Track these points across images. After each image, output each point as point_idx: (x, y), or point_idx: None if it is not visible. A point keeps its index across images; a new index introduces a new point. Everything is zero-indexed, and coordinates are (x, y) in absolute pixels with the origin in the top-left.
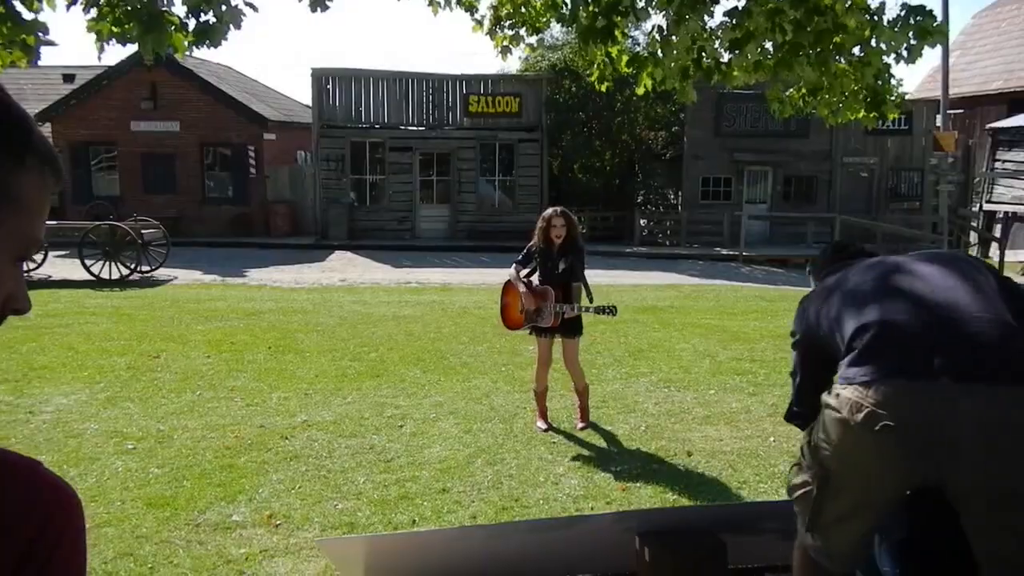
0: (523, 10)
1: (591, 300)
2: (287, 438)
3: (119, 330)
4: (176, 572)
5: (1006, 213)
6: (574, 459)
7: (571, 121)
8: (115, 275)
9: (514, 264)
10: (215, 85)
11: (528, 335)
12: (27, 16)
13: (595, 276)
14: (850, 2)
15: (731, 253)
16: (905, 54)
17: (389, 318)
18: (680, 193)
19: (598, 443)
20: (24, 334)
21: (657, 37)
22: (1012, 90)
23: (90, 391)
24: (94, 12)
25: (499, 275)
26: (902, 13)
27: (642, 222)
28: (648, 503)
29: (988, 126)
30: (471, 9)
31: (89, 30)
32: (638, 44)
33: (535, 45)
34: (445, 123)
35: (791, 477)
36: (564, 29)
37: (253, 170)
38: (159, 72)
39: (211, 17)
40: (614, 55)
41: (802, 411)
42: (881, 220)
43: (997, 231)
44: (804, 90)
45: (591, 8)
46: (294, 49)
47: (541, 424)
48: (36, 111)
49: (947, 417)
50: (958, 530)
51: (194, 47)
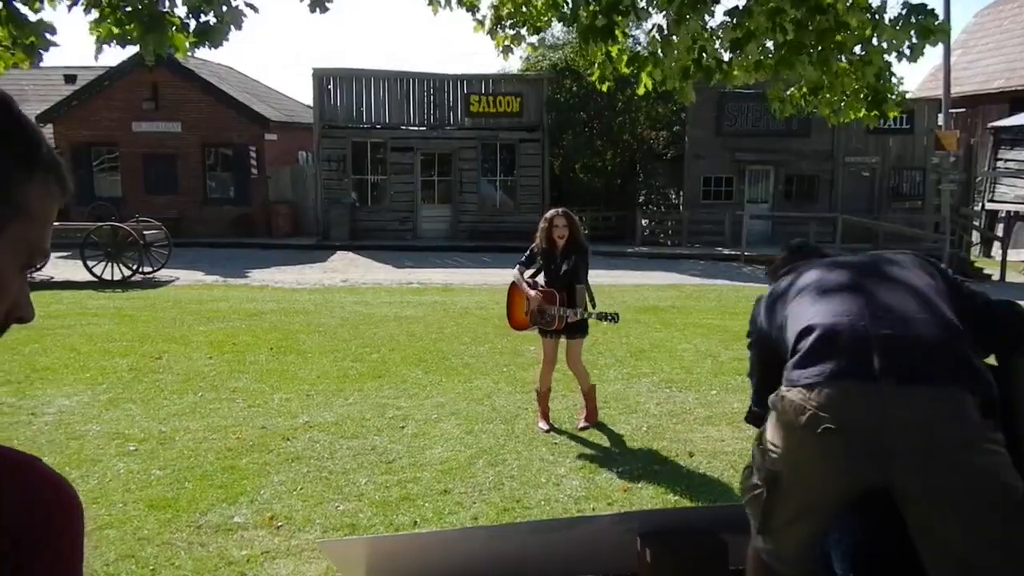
0: (524, 9)
1: (593, 305)
2: (289, 439)
3: (121, 331)
4: (178, 574)
5: (1008, 212)
6: (576, 460)
7: (572, 121)
8: (117, 276)
9: (517, 265)
10: (216, 86)
11: (532, 335)
12: (31, 17)
13: (596, 276)
14: (851, 1)
15: (733, 253)
16: (907, 53)
17: (391, 319)
18: (681, 193)
19: (600, 444)
20: (26, 335)
21: (657, 37)
22: (1014, 89)
23: (92, 392)
24: (95, 13)
25: (500, 275)
26: (903, 12)
27: (643, 222)
28: (650, 504)
29: (990, 125)
30: (472, 9)
31: (90, 32)
32: (639, 43)
33: (536, 45)
34: (446, 123)
35: (743, 480)
36: (565, 28)
37: (254, 170)
38: (160, 73)
39: (212, 18)
40: (614, 55)
41: (760, 412)
42: (883, 219)
43: (999, 230)
44: (805, 89)
45: (592, 7)
46: (294, 49)
47: (543, 425)
48: (38, 112)
49: (888, 419)
50: (907, 533)
51: (195, 48)
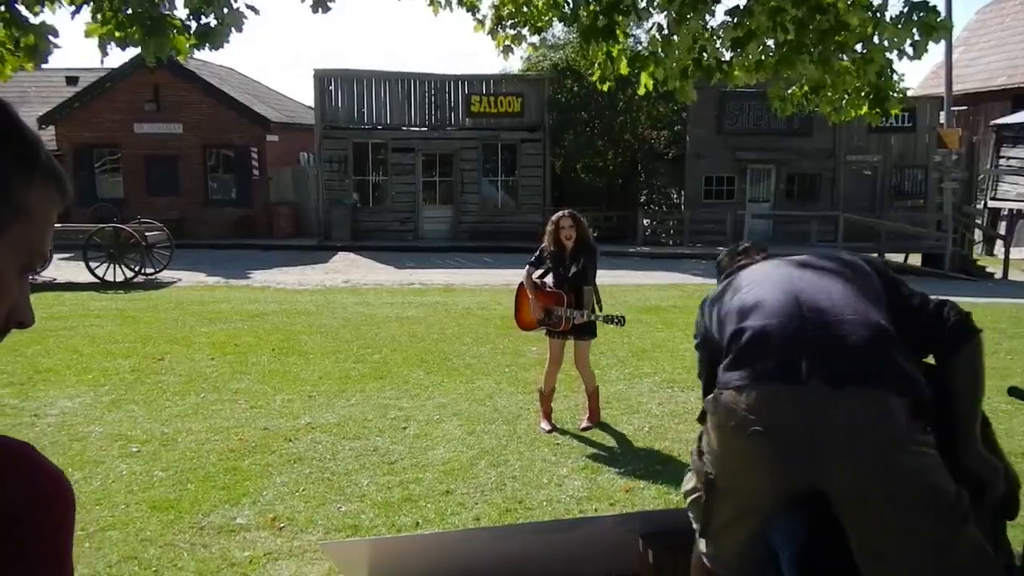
0: (525, 9)
1: (600, 307)
2: (291, 440)
3: (123, 332)
4: (180, 575)
5: (1011, 210)
6: (578, 460)
7: (573, 121)
8: (119, 277)
9: (527, 266)
10: (217, 87)
11: (534, 336)
12: (33, 20)
13: (598, 276)
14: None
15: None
16: (909, 51)
17: (392, 319)
18: (683, 192)
19: (602, 444)
20: (29, 337)
21: (658, 36)
22: (1016, 86)
23: (95, 394)
24: (96, 16)
25: (502, 276)
26: (905, 9)
27: (645, 222)
28: (652, 504)
29: (992, 122)
30: (472, 9)
31: (90, 34)
32: (640, 43)
33: (537, 45)
34: (447, 124)
35: (684, 483)
36: (566, 28)
37: (256, 172)
38: (162, 74)
39: (212, 20)
40: (615, 54)
41: None
42: (885, 218)
43: (1002, 228)
44: (806, 88)
45: (592, 7)
46: (294, 49)
47: (545, 425)
48: (40, 114)
49: (817, 421)
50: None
51: (196, 50)
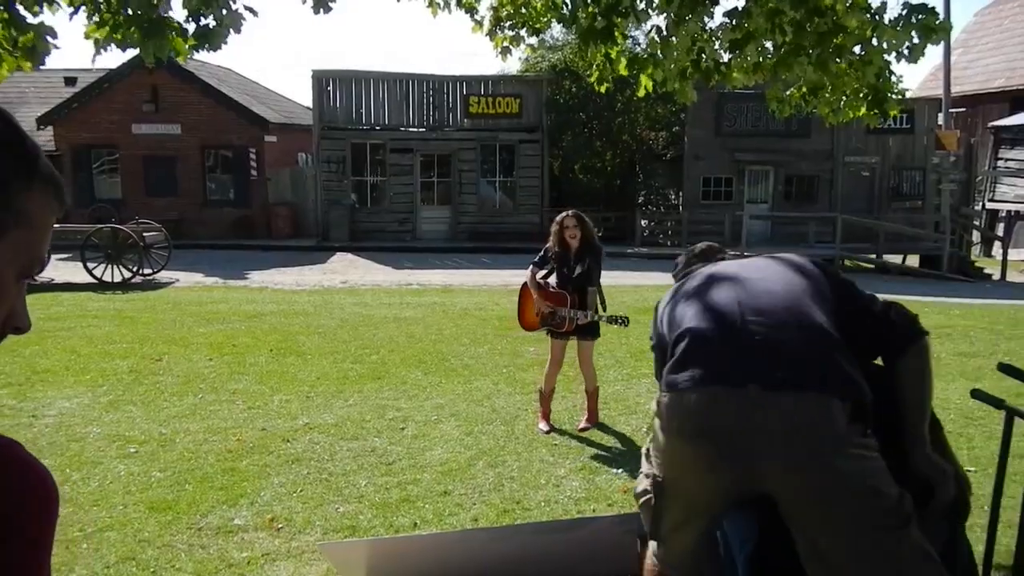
0: (523, 11)
1: (604, 307)
2: (289, 441)
3: (121, 333)
4: None
5: (1009, 212)
6: (576, 461)
7: (572, 122)
8: (117, 278)
9: (531, 266)
10: (216, 87)
11: (533, 337)
12: (31, 20)
13: None
14: (850, 1)
15: (732, 253)
16: (907, 53)
17: (390, 320)
18: (681, 193)
19: (600, 445)
20: (27, 337)
21: (656, 38)
22: (1014, 88)
23: (93, 394)
24: (95, 18)
25: (500, 276)
26: (903, 12)
27: (643, 222)
28: None
29: (990, 124)
30: (471, 10)
31: (88, 36)
32: (638, 44)
33: (535, 46)
34: (445, 124)
35: (636, 485)
36: (564, 30)
37: (254, 172)
38: (160, 75)
39: (211, 21)
40: (613, 56)
41: None
42: (883, 219)
43: (1000, 230)
44: (804, 89)
45: (591, 9)
46: (293, 50)
47: (543, 426)
48: (38, 114)
49: (757, 424)
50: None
51: (194, 51)
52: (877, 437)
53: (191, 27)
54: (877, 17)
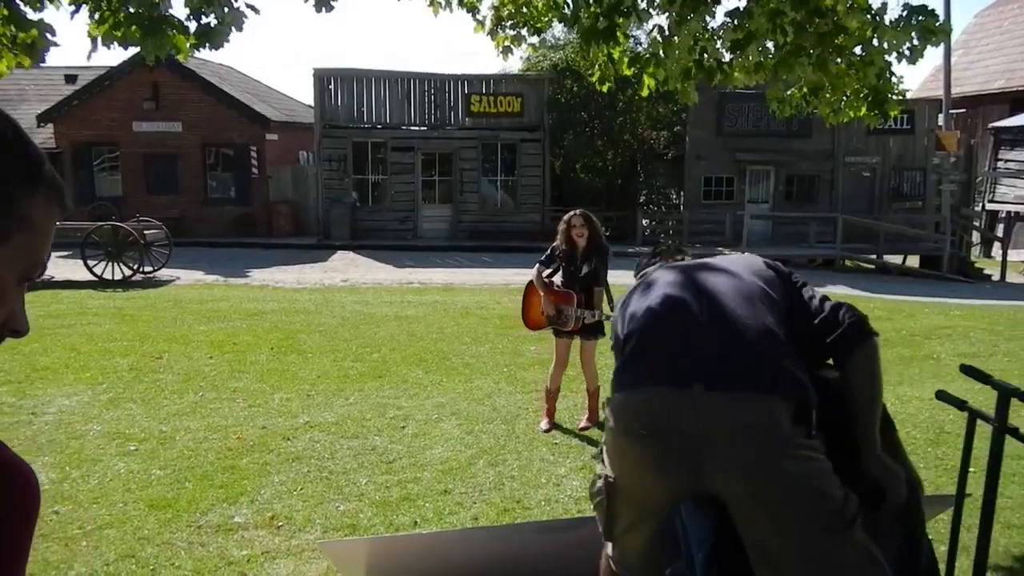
0: (524, 10)
1: (612, 307)
2: (289, 439)
3: (122, 331)
4: (178, 574)
5: (1008, 212)
6: (576, 460)
7: (573, 121)
8: (118, 276)
9: (537, 264)
10: (217, 85)
11: (535, 336)
12: (32, 16)
13: None
14: (851, 2)
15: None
16: (907, 54)
17: (391, 318)
18: (682, 193)
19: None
20: (27, 335)
21: (659, 38)
22: (1014, 89)
23: (93, 392)
24: (96, 16)
25: (501, 275)
26: (904, 13)
27: (644, 222)
28: None
29: (990, 125)
30: (473, 10)
31: (90, 34)
32: (640, 44)
33: (536, 45)
34: (447, 123)
35: (590, 487)
36: (566, 29)
37: (255, 170)
38: (161, 73)
39: (213, 19)
40: (616, 56)
41: None
42: (883, 220)
43: (999, 231)
44: (805, 90)
45: (593, 9)
46: (294, 48)
47: (544, 424)
48: (38, 112)
49: (701, 425)
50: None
51: (196, 49)
52: (829, 439)
53: (192, 25)
54: (878, 18)
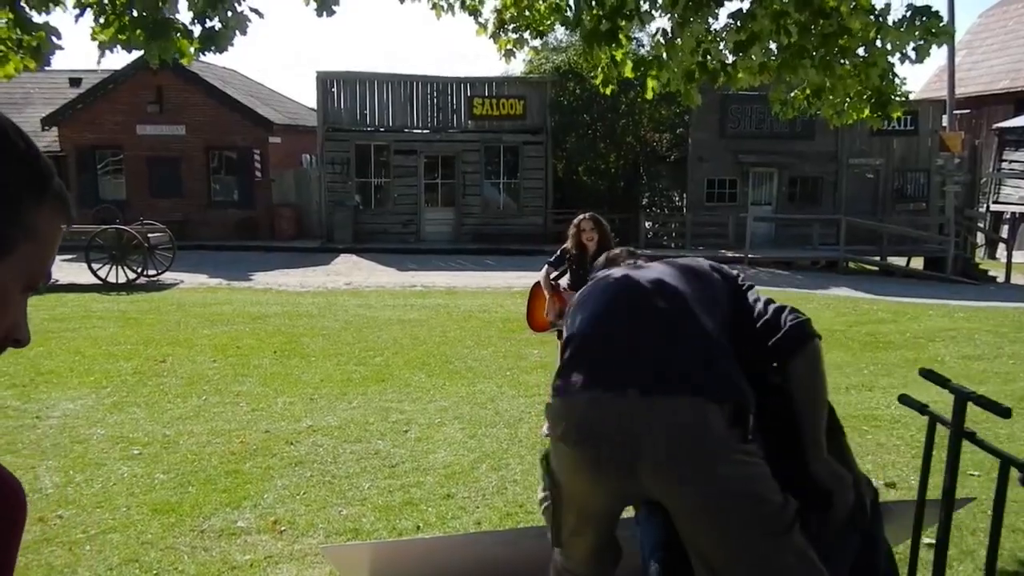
0: (527, 13)
1: None
2: (292, 443)
3: (126, 334)
4: None
5: (1013, 213)
6: None
7: (575, 123)
8: (122, 279)
9: (545, 265)
10: (220, 89)
11: (537, 339)
12: (37, 19)
13: None
14: (855, 3)
15: (736, 255)
16: (911, 55)
17: (394, 322)
18: (685, 195)
19: None
20: (28, 344)
21: (661, 40)
22: (1019, 89)
23: (96, 396)
24: (101, 19)
25: (504, 278)
26: (907, 14)
27: (647, 224)
28: None
29: (995, 126)
30: (475, 13)
31: (94, 37)
32: (642, 46)
33: (539, 48)
34: (449, 126)
35: (538, 493)
36: (568, 31)
37: (258, 173)
38: (165, 76)
39: (217, 23)
40: (618, 58)
41: None
42: (887, 221)
43: (1004, 231)
44: (808, 91)
45: (595, 11)
46: (297, 51)
47: (546, 428)
48: (43, 115)
49: (636, 429)
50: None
51: (200, 53)
52: (777, 443)
53: (196, 29)
54: (881, 19)
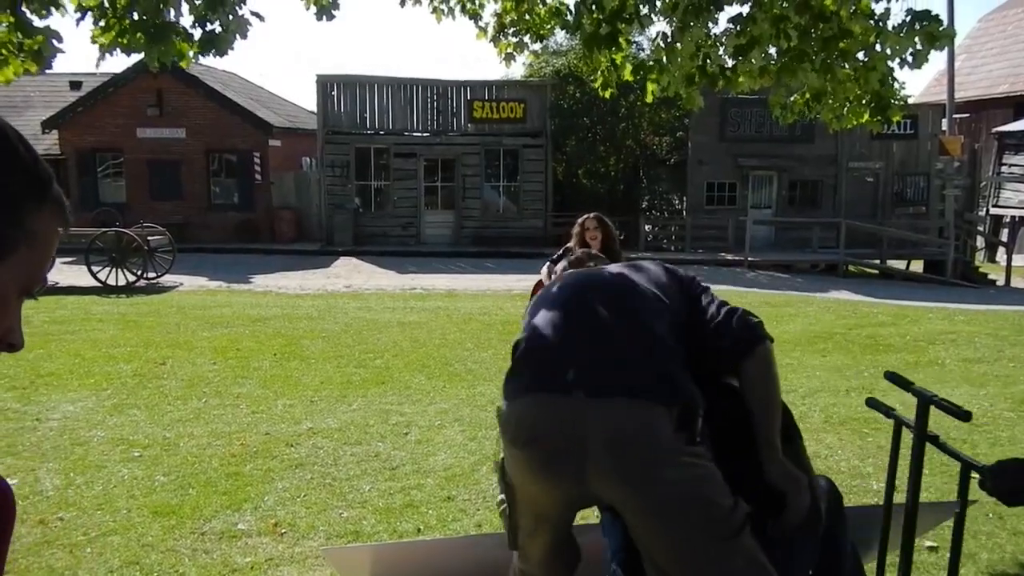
0: (527, 17)
1: None
2: (292, 446)
3: (126, 337)
4: None
5: (1013, 217)
6: None
7: (575, 126)
8: (121, 281)
9: (548, 263)
10: (220, 92)
11: None
12: (38, 23)
13: None
14: (855, 8)
15: (736, 258)
16: (910, 59)
17: (394, 324)
18: (685, 198)
19: None
20: (31, 340)
21: (662, 44)
22: (1018, 93)
23: (97, 398)
24: (101, 23)
25: (504, 281)
26: (907, 18)
27: (647, 227)
28: None
29: (994, 130)
30: (475, 17)
31: (94, 40)
32: (642, 49)
33: (539, 52)
34: (449, 129)
35: (497, 496)
36: (568, 35)
37: (258, 176)
38: (165, 79)
39: (218, 27)
40: (619, 62)
41: None
42: (887, 225)
43: (1004, 235)
44: (808, 95)
45: (595, 15)
46: (297, 54)
47: None
48: (43, 118)
49: (582, 432)
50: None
51: (201, 56)
52: (730, 445)
53: (197, 32)
54: (881, 23)
